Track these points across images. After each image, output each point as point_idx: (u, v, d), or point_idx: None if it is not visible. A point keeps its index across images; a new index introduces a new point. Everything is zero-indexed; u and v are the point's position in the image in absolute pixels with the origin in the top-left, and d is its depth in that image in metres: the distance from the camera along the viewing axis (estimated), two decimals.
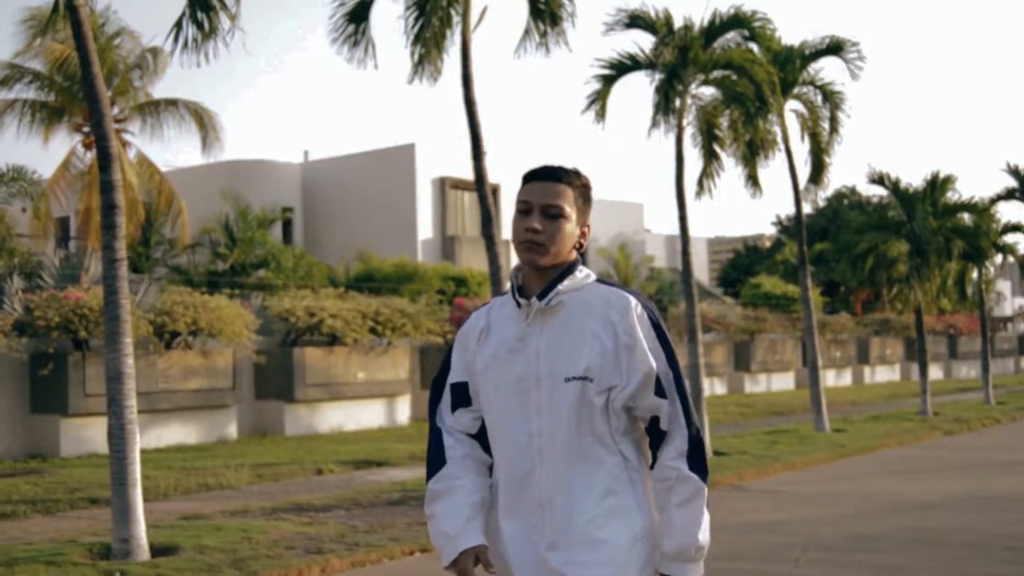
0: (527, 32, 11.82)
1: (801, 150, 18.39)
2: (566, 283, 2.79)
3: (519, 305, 2.82)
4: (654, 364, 2.76)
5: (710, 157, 15.08)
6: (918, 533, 8.95)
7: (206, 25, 8.38)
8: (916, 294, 21.27)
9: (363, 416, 19.80)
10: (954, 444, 16.88)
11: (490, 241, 11.17)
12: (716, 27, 14.25)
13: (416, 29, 10.64)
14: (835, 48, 17.07)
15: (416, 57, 10.99)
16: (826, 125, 17.92)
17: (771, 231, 62.99)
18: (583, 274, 2.84)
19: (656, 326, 2.81)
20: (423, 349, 21.19)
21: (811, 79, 17.33)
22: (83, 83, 7.86)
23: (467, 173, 30.99)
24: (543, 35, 11.93)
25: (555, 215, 2.77)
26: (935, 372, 38.27)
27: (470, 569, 2.75)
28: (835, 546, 8.44)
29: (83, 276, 16.47)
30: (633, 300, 2.80)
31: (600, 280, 2.87)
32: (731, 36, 14.86)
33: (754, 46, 15.64)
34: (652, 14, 14.22)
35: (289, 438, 18.34)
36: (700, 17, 14.66)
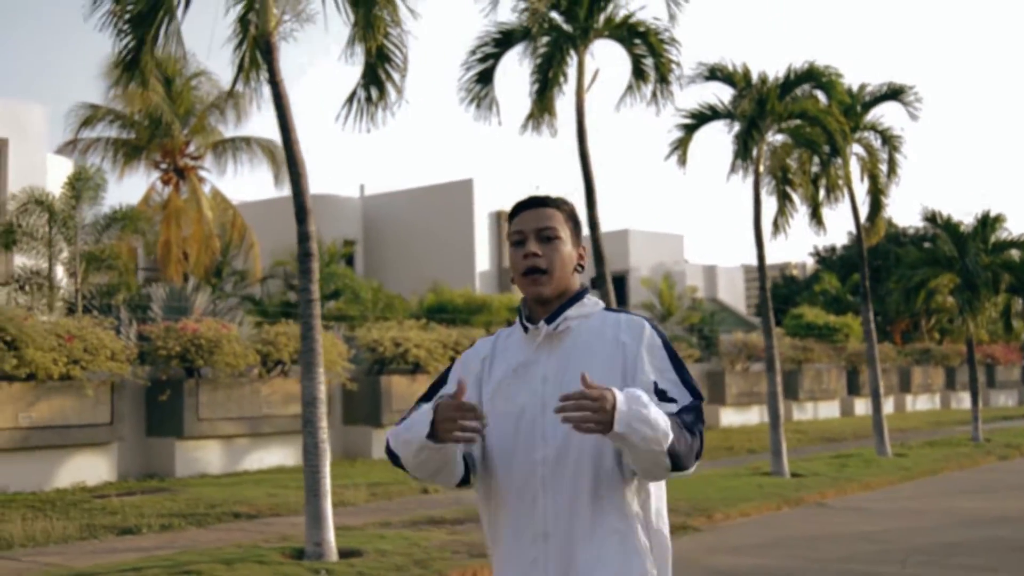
0: (629, 88, 13.04)
1: (859, 189, 19.58)
2: (575, 309, 2.77)
3: (526, 330, 2.79)
4: (653, 377, 2.69)
5: (783, 199, 16.25)
6: (1002, 542, 10.03)
7: (375, 96, 9.59)
8: (969, 326, 22.25)
9: None
10: (1009, 468, 17.90)
11: (601, 280, 12.30)
12: (791, 80, 15.46)
13: (537, 88, 11.86)
14: (894, 94, 18.25)
15: (533, 111, 12.14)
16: (883, 167, 19.06)
17: (795, 258, 64.37)
18: (592, 302, 2.83)
19: (667, 347, 2.76)
20: None
21: (872, 124, 18.50)
22: (284, 147, 9.07)
23: None
24: (654, 94, 13.11)
25: (550, 237, 2.77)
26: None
27: (449, 403, 2.56)
28: (932, 552, 9.54)
29: (196, 310, 17.70)
30: (645, 323, 2.77)
31: (609, 308, 2.84)
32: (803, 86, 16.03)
33: (819, 93, 16.84)
34: (730, 67, 15.43)
35: (376, 461, 19.47)
36: (775, 70, 15.86)
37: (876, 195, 18.90)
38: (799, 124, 15.63)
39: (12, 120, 22.69)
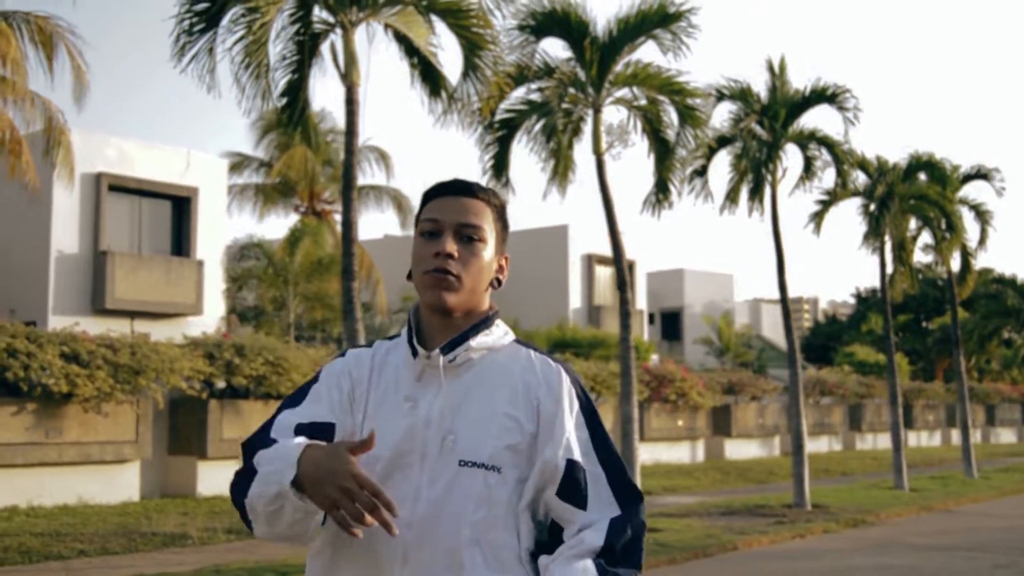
0: (800, 180, 16.63)
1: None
2: (480, 338, 2.11)
3: (415, 354, 2.11)
4: (561, 456, 2.04)
5: (901, 263, 19.81)
6: None
7: (662, 199, 13.14)
8: None
9: None
10: None
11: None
12: (913, 167, 19.04)
13: (751, 188, 15.42)
14: (984, 175, 21.83)
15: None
16: (971, 235, 22.65)
17: (823, 294, 68.28)
18: (501, 331, 2.17)
19: (586, 407, 2.13)
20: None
21: (964, 199, 22.10)
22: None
23: (609, 251, 35.80)
24: (802, 180, 16.68)
25: (472, 238, 2.11)
26: (1008, 435, 42.64)
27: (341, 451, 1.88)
28: None
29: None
30: (564, 373, 2.13)
31: (519, 341, 2.20)
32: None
33: (923, 175, 20.44)
34: (864, 157, 18.99)
35: None
36: (894, 154, 19.45)
37: (966, 258, 22.43)
38: (919, 203, 19.21)
39: (202, 171, 26.16)
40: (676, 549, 11.21)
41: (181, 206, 24.95)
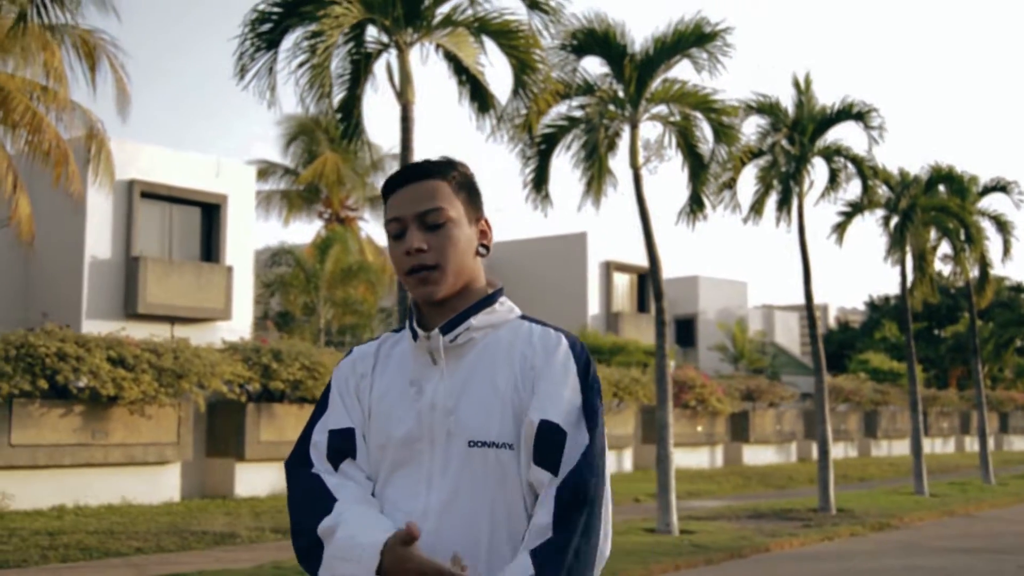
0: (824, 192, 17.08)
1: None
2: (482, 316, 2.08)
3: (416, 338, 2.09)
4: (535, 417, 1.99)
5: (921, 273, 20.21)
6: None
7: (696, 209, 13.58)
8: None
9: None
10: None
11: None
12: (933, 179, 19.47)
13: (780, 199, 15.86)
14: (1003, 188, 22.21)
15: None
16: (991, 245, 23.02)
17: (833, 302, 68.72)
18: (505, 307, 2.14)
19: (583, 373, 2.06)
20: (646, 410, 26.24)
21: (983, 211, 22.50)
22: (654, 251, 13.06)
23: (627, 258, 36.21)
24: (827, 192, 17.11)
25: (438, 223, 2.06)
26: (1021, 443, 42.96)
27: (408, 552, 1.89)
28: None
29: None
30: (564, 340, 2.08)
31: (527, 317, 2.16)
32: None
33: (942, 187, 20.86)
34: (894, 171, 19.35)
35: None
36: (915, 165, 19.86)
37: (984, 269, 22.82)
38: (937, 215, 19.64)
39: (231, 178, 26.61)
40: (712, 550, 11.64)
41: (210, 213, 25.42)
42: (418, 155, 10.96)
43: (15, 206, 17.34)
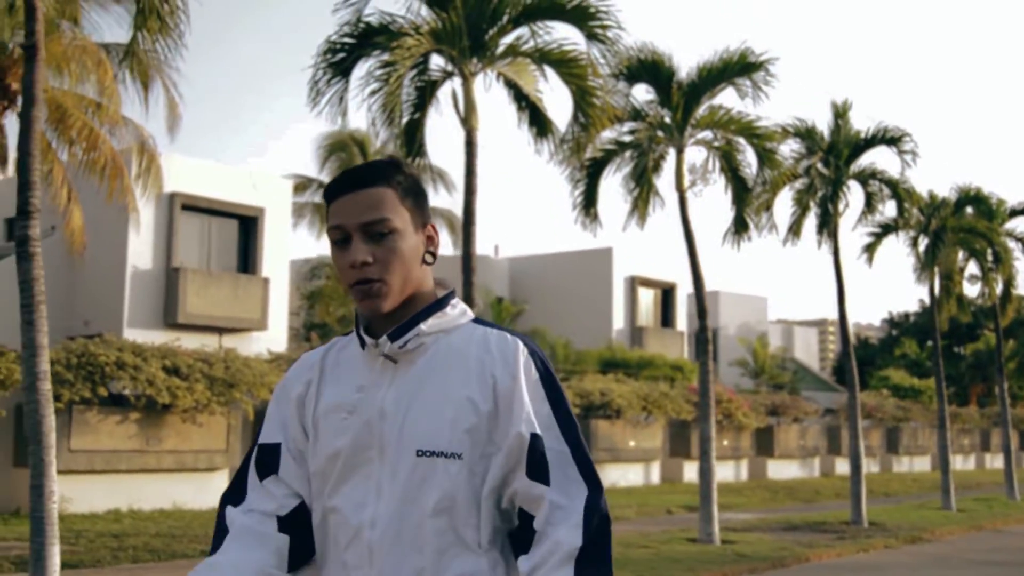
0: (862, 215, 17.53)
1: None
2: (432, 321, 2.03)
3: (363, 345, 2.04)
4: (524, 431, 1.96)
5: (947, 293, 20.64)
6: None
7: (740, 229, 14.07)
8: None
9: (630, 475, 25.27)
10: None
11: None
12: (961, 201, 19.92)
13: (819, 223, 16.35)
14: None
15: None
16: (1017, 264, 23.43)
17: (850, 318, 69.17)
18: (457, 310, 2.08)
19: (546, 379, 2.03)
20: (674, 423, 26.67)
21: (1010, 232, 22.93)
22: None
23: (651, 273, 36.69)
24: (864, 215, 17.57)
25: (383, 233, 1.97)
26: None
27: None
28: None
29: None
30: (521, 345, 2.03)
31: (479, 321, 2.10)
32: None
33: (970, 208, 21.30)
34: (924, 193, 19.78)
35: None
36: (942, 188, 20.31)
37: (1007, 286, 23.22)
38: (965, 236, 20.08)
39: (268, 191, 27.16)
40: (755, 560, 12.10)
41: (248, 225, 25.99)
42: (481, 180, 11.43)
43: (69, 217, 17.92)
